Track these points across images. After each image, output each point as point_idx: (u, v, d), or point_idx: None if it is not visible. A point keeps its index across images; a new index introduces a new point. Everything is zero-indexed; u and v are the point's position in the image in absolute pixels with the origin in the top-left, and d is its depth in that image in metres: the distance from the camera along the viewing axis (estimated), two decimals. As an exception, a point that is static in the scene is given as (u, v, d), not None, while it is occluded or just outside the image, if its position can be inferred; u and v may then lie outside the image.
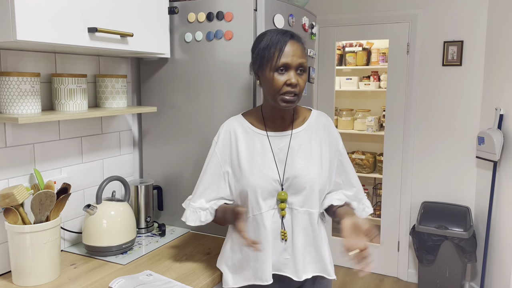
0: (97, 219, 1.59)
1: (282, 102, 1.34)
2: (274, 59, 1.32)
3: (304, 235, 1.40)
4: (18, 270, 1.38)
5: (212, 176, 1.45)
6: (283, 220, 1.39)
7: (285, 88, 1.32)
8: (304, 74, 1.36)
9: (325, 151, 1.43)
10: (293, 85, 1.32)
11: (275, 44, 1.32)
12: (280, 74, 1.32)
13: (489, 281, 3.04)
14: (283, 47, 1.32)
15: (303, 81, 1.36)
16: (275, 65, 1.32)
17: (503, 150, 2.86)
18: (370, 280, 3.61)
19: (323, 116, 1.49)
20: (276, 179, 1.38)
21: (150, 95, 1.93)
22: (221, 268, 1.48)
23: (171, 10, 1.74)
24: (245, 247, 1.40)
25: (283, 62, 1.31)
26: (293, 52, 1.32)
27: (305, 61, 1.35)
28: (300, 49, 1.35)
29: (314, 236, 1.41)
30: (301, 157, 1.40)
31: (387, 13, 3.44)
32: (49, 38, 1.27)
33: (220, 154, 1.44)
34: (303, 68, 1.35)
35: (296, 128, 1.44)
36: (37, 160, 1.59)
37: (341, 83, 4.40)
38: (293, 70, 1.33)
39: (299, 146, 1.41)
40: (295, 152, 1.40)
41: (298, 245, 1.39)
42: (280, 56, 1.31)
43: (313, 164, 1.39)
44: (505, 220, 2.81)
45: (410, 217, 3.54)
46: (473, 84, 3.22)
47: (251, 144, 1.42)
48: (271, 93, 1.35)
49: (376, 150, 4.50)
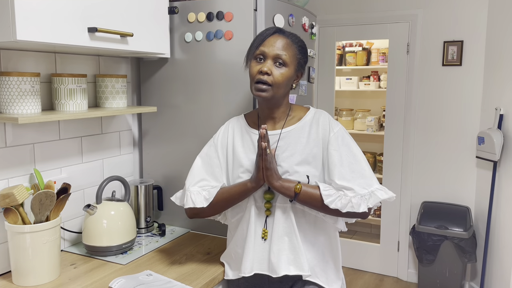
0: (97, 219, 1.59)
1: (255, 90, 1.37)
2: (254, 48, 1.38)
3: (284, 230, 1.38)
4: (18, 270, 1.38)
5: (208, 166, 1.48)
6: (267, 219, 1.41)
7: (258, 76, 1.35)
8: (284, 68, 1.36)
9: (317, 149, 1.39)
10: (263, 72, 1.33)
11: (261, 35, 1.39)
12: (257, 63, 1.37)
13: (489, 281, 3.04)
14: (266, 38, 1.37)
15: (281, 75, 1.35)
16: (253, 53, 1.38)
17: (503, 150, 2.86)
18: (370, 280, 3.61)
19: (321, 114, 1.45)
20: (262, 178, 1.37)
21: (150, 95, 1.93)
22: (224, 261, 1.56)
23: (171, 10, 1.74)
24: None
25: (260, 50, 1.36)
26: (274, 43, 1.36)
27: (285, 54, 1.35)
28: (284, 43, 1.36)
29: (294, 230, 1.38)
30: (287, 156, 1.39)
31: (387, 13, 3.44)
32: (49, 38, 1.27)
33: (219, 146, 1.49)
34: (282, 60, 1.35)
35: (288, 127, 1.44)
36: (37, 160, 1.59)
37: (341, 83, 4.40)
38: (270, 60, 1.35)
39: (287, 145, 1.41)
40: (281, 151, 1.40)
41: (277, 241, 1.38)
42: (259, 45, 1.37)
43: (297, 163, 1.38)
44: (505, 220, 2.81)
45: (410, 217, 3.54)
46: (473, 84, 3.22)
47: (245, 142, 1.46)
48: (250, 83, 1.40)
49: (376, 150, 4.50)
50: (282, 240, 1.38)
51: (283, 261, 1.37)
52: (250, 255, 1.40)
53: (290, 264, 1.38)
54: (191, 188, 1.45)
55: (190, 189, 1.45)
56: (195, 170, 1.48)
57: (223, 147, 1.49)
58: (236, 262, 1.48)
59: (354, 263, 3.83)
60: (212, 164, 1.48)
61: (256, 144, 1.44)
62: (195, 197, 1.42)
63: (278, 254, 1.37)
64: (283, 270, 1.36)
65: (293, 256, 1.38)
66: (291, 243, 1.38)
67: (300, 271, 1.37)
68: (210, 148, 1.51)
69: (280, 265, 1.36)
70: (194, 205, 1.41)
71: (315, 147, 1.40)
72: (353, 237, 4.22)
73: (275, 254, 1.37)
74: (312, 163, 1.39)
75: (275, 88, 1.36)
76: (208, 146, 1.52)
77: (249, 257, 1.40)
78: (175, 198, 1.53)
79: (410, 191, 3.51)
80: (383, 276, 3.67)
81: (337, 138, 1.39)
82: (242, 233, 1.45)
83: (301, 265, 1.37)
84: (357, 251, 3.80)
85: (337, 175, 1.35)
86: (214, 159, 1.48)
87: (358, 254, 3.80)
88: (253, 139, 1.45)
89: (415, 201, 3.50)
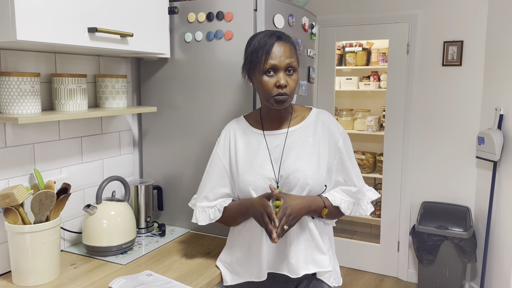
0: (97, 219, 1.59)
1: (274, 103, 1.37)
2: (261, 62, 1.34)
3: (297, 233, 1.39)
4: (18, 270, 1.38)
5: (216, 175, 1.48)
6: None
7: (275, 90, 1.35)
8: (294, 74, 1.37)
9: (323, 149, 1.41)
10: (282, 87, 1.34)
11: (262, 47, 1.34)
12: (269, 77, 1.35)
13: (489, 281, 3.04)
14: (270, 49, 1.34)
15: (293, 81, 1.37)
16: (263, 68, 1.34)
17: (503, 150, 2.86)
18: (370, 280, 3.61)
19: (324, 114, 1.47)
20: (271, 177, 1.39)
21: (150, 95, 1.93)
22: (220, 267, 1.52)
23: (171, 10, 1.74)
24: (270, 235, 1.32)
25: (271, 64, 1.33)
26: (280, 53, 1.34)
27: (293, 61, 1.36)
28: (288, 49, 1.36)
29: (305, 235, 1.40)
30: (295, 155, 1.40)
31: (387, 13, 3.44)
32: (49, 38, 1.27)
33: (221, 154, 1.49)
34: (292, 68, 1.36)
35: (293, 126, 1.45)
36: (37, 160, 1.59)
37: (341, 83, 4.40)
38: (282, 71, 1.34)
39: (294, 143, 1.41)
40: (290, 150, 1.41)
41: (292, 242, 1.39)
42: (267, 58, 1.33)
43: (306, 162, 1.39)
44: (505, 220, 2.81)
45: (410, 217, 3.54)
46: (473, 84, 3.22)
47: (249, 143, 1.46)
48: (263, 96, 1.39)
49: (376, 150, 4.50)
50: (297, 240, 1.39)
51: (301, 261, 1.39)
52: (263, 258, 1.39)
53: (308, 263, 1.40)
54: (198, 203, 1.50)
55: (197, 204, 1.50)
56: (204, 182, 1.50)
57: (226, 153, 1.48)
58: (241, 267, 1.46)
59: (354, 263, 3.83)
60: (220, 172, 1.48)
61: (261, 145, 1.43)
62: (199, 215, 1.48)
63: (296, 254, 1.39)
64: (303, 270, 1.38)
65: (311, 255, 1.40)
66: (306, 242, 1.40)
67: (319, 268, 1.41)
68: (214, 156, 1.51)
69: (299, 266, 1.38)
70: (197, 222, 1.48)
71: (322, 146, 1.42)
72: (353, 237, 4.23)
73: (293, 255, 1.38)
74: (320, 161, 1.40)
75: (291, 95, 1.38)
76: (212, 155, 1.52)
77: (261, 260, 1.39)
78: (191, 205, 1.56)
79: (410, 191, 3.51)
80: (383, 276, 3.67)
81: (345, 139, 1.45)
82: (251, 237, 1.43)
83: (319, 262, 1.40)
84: (357, 251, 3.80)
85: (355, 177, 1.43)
86: (219, 167, 1.48)
87: (358, 254, 3.80)
88: (258, 139, 1.45)
89: (415, 201, 3.50)
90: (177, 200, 1.92)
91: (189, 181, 1.88)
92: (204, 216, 1.48)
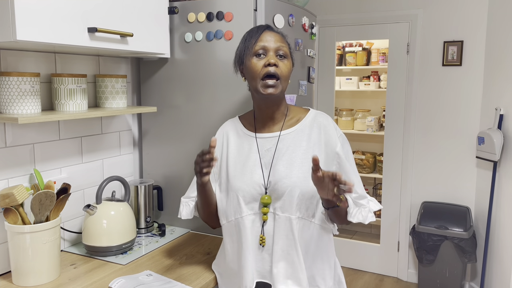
0: (97, 219, 1.59)
1: (263, 87, 1.29)
2: (251, 45, 1.32)
3: (285, 242, 1.31)
4: (18, 270, 1.38)
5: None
6: (264, 226, 1.32)
7: (264, 69, 1.29)
8: (286, 61, 1.33)
9: (318, 154, 1.32)
10: (271, 64, 1.29)
11: (252, 34, 1.34)
12: (259, 59, 1.31)
13: (489, 281, 3.04)
14: (260, 34, 1.33)
15: (285, 66, 1.31)
16: (253, 50, 1.31)
17: (503, 150, 2.86)
18: (370, 280, 3.61)
19: (322, 116, 1.39)
20: (260, 183, 1.32)
21: (150, 95, 1.93)
22: (214, 271, 1.52)
23: (171, 10, 1.74)
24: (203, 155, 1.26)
25: (260, 45, 1.31)
26: (271, 38, 1.32)
27: (284, 46, 1.33)
28: (279, 36, 1.34)
29: (295, 245, 1.30)
30: (286, 160, 1.32)
31: (387, 13, 3.44)
32: (49, 38, 1.27)
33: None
34: (282, 52, 1.32)
35: (287, 129, 1.37)
36: (37, 160, 1.59)
37: (341, 83, 4.41)
38: (272, 52, 1.31)
39: (286, 148, 1.34)
40: (280, 155, 1.33)
41: (277, 253, 1.31)
42: (257, 41, 1.32)
43: (297, 168, 1.30)
44: (505, 220, 2.81)
45: (410, 217, 3.54)
46: (473, 84, 3.22)
47: (240, 146, 1.40)
48: (253, 81, 1.32)
49: (376, 150, 4.50)
50: (281, 250, 1.31)
51: (281, 275, 1.31)
52: (249, 268, 1.32)
53: (288, 278, 1.31)
54: (183, 199, 1.50)
55: (182, 200, 1.50)
56: (194, 179, 1.48)
57: (217, 155, 1.44)
58: (230, 276, 1.42)
59: (354, 263, 3.83)
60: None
61: (252, 148, 1.38)
62: (182, 209, 1.48)
63: (277, 265, 1.31)
64: (281, 284, 1.31)
65: (292, 270, 1.31)
66: (290, 255, 1.31)
67: (297, 286, 1.31)
68: None
69: (278, 279, 1.31)
70: (181, 216, 1.48)
71: (317, 151, 1.33)
72: (353, 237, 4.23)
73: (275, 265, 1.31)
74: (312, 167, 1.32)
75: (282, 82, 1.31)
76: None
77: (248, 270, 1.32)
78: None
79: (410, 191, 3.51)
80: (383, 276, 3.67)
81: (343, 143, 1.36)
82: (238, 244, 1.35)
83: (300, 280, 1.31)
84: (357, 251, 3.80)
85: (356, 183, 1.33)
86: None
87: (358, 254, 3.80)
88: (250, 142, 1.40)
89: (415, 201, 3.50)
90: (177, 200, 1.92)
91: (189, 181, 1.87)
92: (186, 210, 1.47)
